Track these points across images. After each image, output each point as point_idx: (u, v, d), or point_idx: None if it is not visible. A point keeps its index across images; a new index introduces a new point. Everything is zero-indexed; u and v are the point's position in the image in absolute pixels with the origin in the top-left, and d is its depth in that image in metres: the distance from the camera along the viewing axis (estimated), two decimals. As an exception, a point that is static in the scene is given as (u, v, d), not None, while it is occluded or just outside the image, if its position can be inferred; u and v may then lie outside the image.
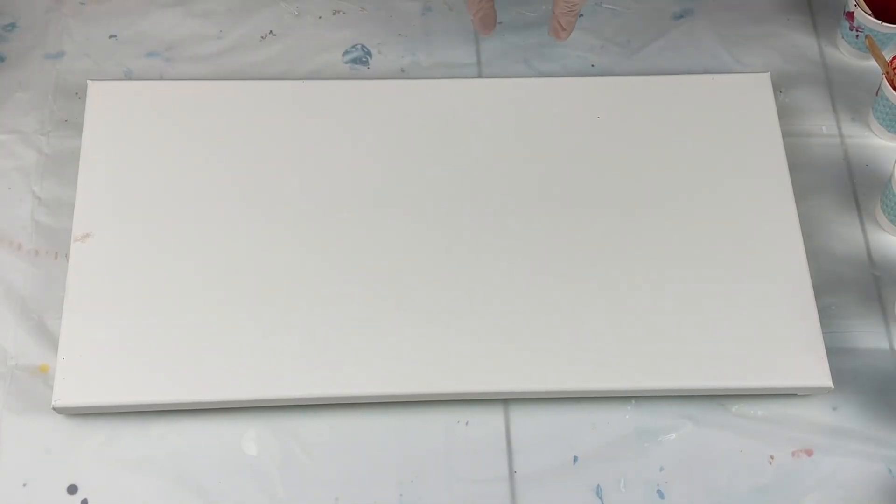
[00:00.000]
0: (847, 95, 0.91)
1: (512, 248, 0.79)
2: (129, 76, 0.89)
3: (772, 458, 0.75)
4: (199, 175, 0.81)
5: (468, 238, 0.80)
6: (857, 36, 0.91)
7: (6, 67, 0.89)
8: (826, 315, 0.80)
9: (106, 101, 0.84)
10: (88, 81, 0.85)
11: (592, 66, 0.91)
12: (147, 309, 0.75)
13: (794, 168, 0.85)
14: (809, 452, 0.76)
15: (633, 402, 0.77)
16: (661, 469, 0.75)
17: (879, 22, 0.88)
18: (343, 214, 0.80)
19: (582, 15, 0.95)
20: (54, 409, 0.73)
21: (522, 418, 0.76)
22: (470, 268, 0.78)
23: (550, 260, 0.79)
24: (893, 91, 0.85)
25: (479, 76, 0.91)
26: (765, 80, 0.88)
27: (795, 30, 0.95)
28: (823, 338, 0.77)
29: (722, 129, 0.86)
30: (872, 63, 0.92)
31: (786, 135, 0.86)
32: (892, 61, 0.86)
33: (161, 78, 0.89)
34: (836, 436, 0.76)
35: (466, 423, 0.76)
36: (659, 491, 0.74)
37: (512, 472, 0.74)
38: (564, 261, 0.79)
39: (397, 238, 0.79)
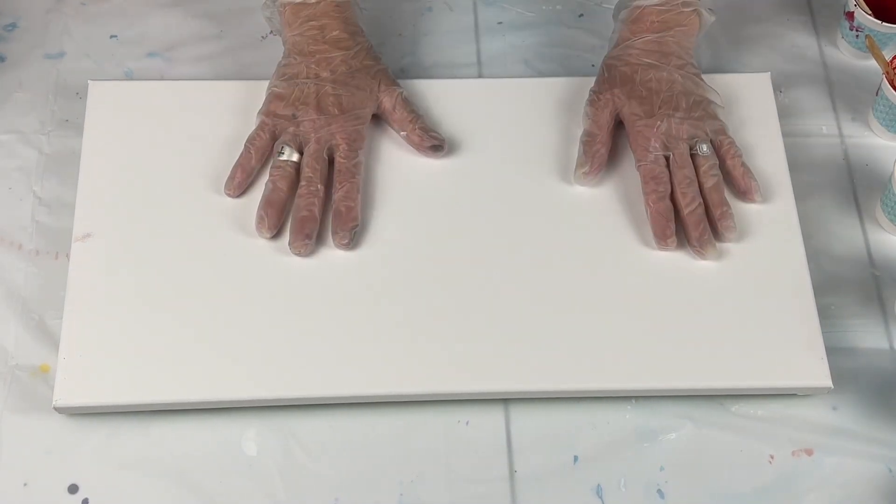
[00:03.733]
0: (847, 95, 0.91)
1: (511, 248, 0.79)
2: (129, 76, 0.89)
3: (772, 457, 0.75)
4: (200, 175, 0.81)
5: (467, 238, 0.80)
6: (857, 36, 0.91)
7: (6, 67, 0.89)
8: (826, 315, 0.79)
9: (106, 101, 0.84)
10: (89, 81, 0.85)
11: (592, 66, 0.91)
12: (147, 309, 0.75)
13: (794, 168, 0.85)
14: (809, 452, 0.76)
15: (633, 402, 0.77)
16: (661, 469, 0.75)
17: (879, 22, 0.88)
18: (343, 214, 0.80)
19: (582, 15, 0.95)
20: (55, 408, 0.72)
21: (522, 418, 0.76)
22: (469, 267, 0.78)
23: (550, 259, 0.79)
24: (893, 91, 0.85)
25: (479, 76, 0.91)
26: (765, 80, 0.88)
27: (795, 30, 0.95)
28: (823, 338, 0.77)
29: (722, 129, 0.86)
30: (872, 63, 0.92)
31: (786, 135, 0.86)
32: (892, 61, 0.86)
33: (161, 78, 0.89)
34: (836, 436, 0.76)
35: (466, 423, 0.76)
36: (659, 491, 0.74)
37: (512, 472, 0.74)
38: (564, 260, 0.79)
39: (396, 237, 0.79)
